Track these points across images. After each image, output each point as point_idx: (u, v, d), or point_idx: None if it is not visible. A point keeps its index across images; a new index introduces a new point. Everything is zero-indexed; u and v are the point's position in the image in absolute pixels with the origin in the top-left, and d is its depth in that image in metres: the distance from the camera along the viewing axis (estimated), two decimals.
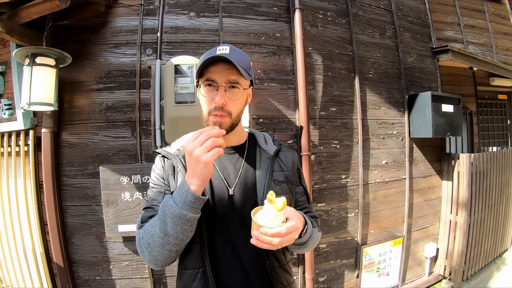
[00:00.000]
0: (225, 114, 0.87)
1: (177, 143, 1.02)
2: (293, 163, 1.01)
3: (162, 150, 0.99)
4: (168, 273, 2.11)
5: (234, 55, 0.85)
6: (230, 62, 0.83)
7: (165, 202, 0.79)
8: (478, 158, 2.84)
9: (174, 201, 0.76)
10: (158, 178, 0.96)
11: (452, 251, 2.84)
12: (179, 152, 0.96)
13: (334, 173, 2.36)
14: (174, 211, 0.75)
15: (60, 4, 1.74)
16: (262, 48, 2.24)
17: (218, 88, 0.86)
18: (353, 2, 2.57)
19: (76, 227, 2.09)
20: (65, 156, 2.09)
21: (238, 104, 0.90)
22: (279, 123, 2.23)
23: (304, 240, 0.85)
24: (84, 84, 2.10)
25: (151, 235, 0.81)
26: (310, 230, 0.88)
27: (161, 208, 0.80)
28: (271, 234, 0.71)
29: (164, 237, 0.78)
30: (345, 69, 2.47)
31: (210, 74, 0.87)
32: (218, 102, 0.85)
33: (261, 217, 0.75)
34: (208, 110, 0.88)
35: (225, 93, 0.86)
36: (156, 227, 0.80)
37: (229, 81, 0.86)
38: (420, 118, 2.63)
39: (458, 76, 3.42)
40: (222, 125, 0.88)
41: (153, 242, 0.80)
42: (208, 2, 2.20)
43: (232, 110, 0.89)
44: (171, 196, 0.79)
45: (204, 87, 0.88)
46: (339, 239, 2.39)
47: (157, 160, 1.00)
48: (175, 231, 0.77)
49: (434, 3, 3.16)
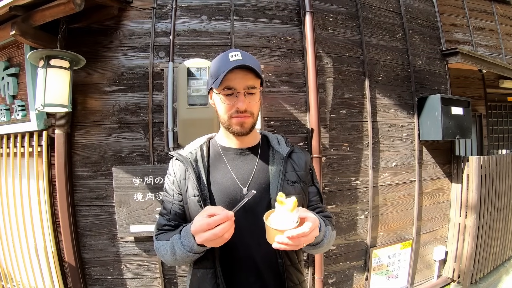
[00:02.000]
0: (248, 115, 0.91)
1: (190, 146, 1.04)
2: (305, 164, 1.03)
3: (175, 152, 1.02)
4: (179, 273, 2.13)
5: (248, 60, 0.88)
6: (247, 68, 0.87)
7: (174, 240, 0.86)
8: (487, 161, 2.83)
9: (182, 244, 0.83)
10: (169, 185, 1.00)
11: (461, 254, 2.83)
12: (191, 155, 0.98)
13: (344, 175, 2.37)
14: (182, 251, 0.84)
15: (74, 7, 1.76)
16: (273, 51, 2.26)
17: (238, 94, 0.89)
18: (362, 5, 2.57)
19: (88, 227, 2.12)
20: (78, 157, 2.12)
21: (257, 105, 0.94)
22: (290, 126, 2.25)
23: (319, 239, 0.85)
24: (97, 86, 2.13)
25: (164, 253, 0.90)
26: (324, 228, 0.88)
27: (170, 242, 0.87)
28: (296, 235, 0.71)
29: (175, 260, 0.88)
30: (355, 72, 2.47)
31: (228, 82, 0.88)
32: (241, 107, 0.88)
33: (274, 220, 0.76)
34: (229, 114, 0.91)
35: (245, 98, 0.89)
36: (167, 250, 0.88)
37: (248, 87, 0.89)
38: (429, 120, 2.62)
39: (467, 78, 3.40)
40: (246, 124, 0.92)
41: (167, 258, 0.90)
42: (219, 6, 2.23)
43: (254, 111, 0.93)
44: (179, 237, 0.85)
45: (224, 95, 0.90)
46: (349, 241, 2.39)
47: (170, 164, 1.03)
48: (183, 260, 0.88)
49: (443, 5, 3.15)
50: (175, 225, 0.95)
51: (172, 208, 0.96)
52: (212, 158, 0.99)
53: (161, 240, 0.92)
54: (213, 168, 0.97)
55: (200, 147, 1.01)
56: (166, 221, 0.96)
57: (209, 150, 1.01)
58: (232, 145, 1.00)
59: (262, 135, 1.08)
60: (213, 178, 0.95)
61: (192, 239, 0.80)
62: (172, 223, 0.96)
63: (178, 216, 0.96)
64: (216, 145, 1.03)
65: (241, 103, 0.88)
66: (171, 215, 0.96)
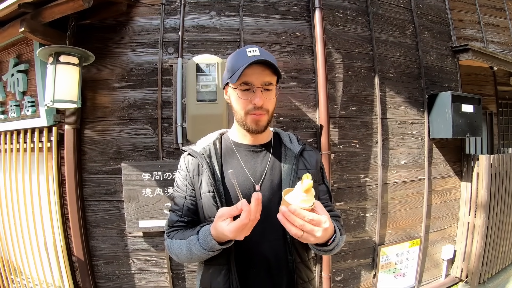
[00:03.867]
0: (263, 113, 0.91)
1: (203, 142, 1.03)
2: (316, 162, 1.03)
3: (188, 148, 1.01)
4: (187, 268, 2.14)
5: (266, 56, 0.88)
6: (265, 64, 0.87)
7: (191, 241, 0.85)
8: (497, 159, 2.79)
9: (200, 245, 0.82)
10: (181, 180, 0.99)
11: (469, 254, 2.80)
12: (204, 150, 0.98)
13: (353, 172, 2.35)
14: (200, 252, 0.83)
15: (83, 4, 1.76)
16: (282, 47, 2.24)
17: (255, 90, 0.89)
18: (372, 1, 2.54)
19: (97, 222, 2.13)
20: (87, 152, 2.13)
21: (273, 102, 0.94)
22: (299, 122, 2.23)
23: (330, 248, 0.84)
24: (106, 82, 2.14)
25: (178, 252, 0.89)
26: (338, 239, 0.86)
27: (187, 242, 0.86)
28: (293, 211, 0.70)
29: (190, 258, 0.88)
30: (365, 68, 2.45)
31: (245, 78, 0.88)
32: (258, 103, 0.88)
33: (289, 197, 0.75)
34: (246, 110, 0.91)
35: (262, 94, 0.89)
36: (182, 250, 0.88)
37: (265, 83, 0.89)
38: (439, 118, 2.59)
39: (478, 75, 3.35)
40: (261, 122, 0.91)
41: (181, 256, 0.90)
42: (228, 2, 2.21)
43: (269, 108, 0.93)
44: (197, 238, 0.84)
45: (240, 90, 0.90)
46: (357, 239, 2.38)
47: (182, 159, 1.02)
48: (200, 258, 0.88)
49: (453, 1, 3.10)
50: (188, 221, 0.95)
51: (185, 203, 0.96)
52: (225, 154, 0.99)
53: (175, 239, 0.91)
54: (226, 164, 0.97)
55: (214, 142, 1.01)
56: (179, 217, 0.96)
57: (221, 146, 1.01)
58: (245, 141, 1.00)
59: (274, 132, 1.08)
60: (227, 174, 0.94)
61: (212, 240, 0.80)
62: (185, 219, 0.95)
63: (191, 212, 0.96)
64: (228, 140, 1.02)
65: (258, 98, 0.88)
66: (183, 211, 0.96)
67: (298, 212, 0.70)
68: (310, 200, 0.73)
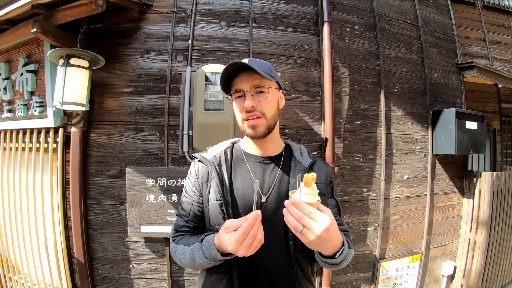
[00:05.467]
0: (259, 114, 0.91)
1: (214, 150, 1.05)
2: (326, 176, 1.03)
3: (199, 155, 1.03)
4: (187, 275, 2.13)
5: (253, 63, 0.89)
6: (250, 69, 0.88)
7: (195, 248, 0.87)
8: (500, 177, 2.79)
9: (203, 254, 0.84)
10: (189, 186, 1.01)
11: (469, 270, 2.79)
12: (215, 158, 0.99)
13: (356, 186, 2.36)
14: (203, 260, 0.85)
15: (95, 8, 1.79)
16: (290, 60, 2.26)
17: (245, 95, 0.91)
18: (380, 16, 2.57)
19: (99, 225, 2.14)
20: (93, 155, 2.14)
21: (269, 104, 0.93)
22: (304, 134, 2.24)
23: (337, 261, 0.84)
24: (115, 86, 2.16)
25: (182, 257, 0.91)
26: (346, 252, 0.85)
27: (190, 249, 0.88)
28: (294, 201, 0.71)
29: (193, 265, 0.90)
30: (371, 83, 2.47)
31: (236, 86, 0.92)
32: (247, 105, 0.89)
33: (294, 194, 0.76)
34: (242, 117, 0.93)
35: (252, 97, 0.90)
36: (186, 255, 0.89)
37: (254, 86, 0.91)
38: (443, 134, 2.60)
39: (482, 92, 3.37)
40: (258, 127, 0.92)
41: (184, 262, 0.92)
42: (239, 12, 2.24)
43: (265, 110, 0.92)
44: (200, 247, 0.86)
45: (235, 99, 0.94)
46: (358, 252, 2.38)
47: (192, 165, 1.04)
48: (202, 266, 0.89)
49: (460, 18, 3.13)
50: (194, 227, 0.97)
51: (192, 209, 0.98)
52: (235, 163, 1.00)
53: (179, 244, 0.93)
54: (235, 174, 0.98)
55: (224, 151, 1.02)
56: (185, 223, 0.98)
57: (232, 155, 1.03)
58: (255, 152, 1.01)
59: (286, 145, 1.08)
60: (235, 184, 0.96)
61: (215, 250, 0.81)
62: (190, 224, 0.97)
63: (197, 218, 0.97)
64: (239, 150, 1.04)
65: (248, 101, 0.89)
66: (190, 217, 0.97)
67: (298, 203, 0.71)
68: (313, 195, 0.73)
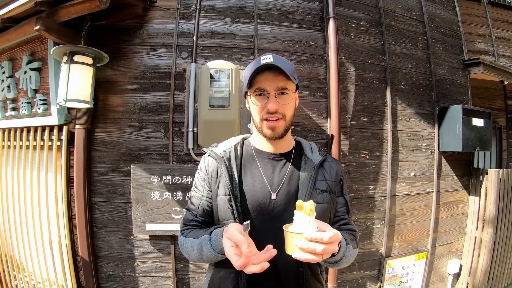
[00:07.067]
0: (280, 117, 0.91)
1: (224, 145, 1.05)
2: (336, 173, 1.02)
3: (209, 149, 1.03)
4: (192, 273, 2.13)
5: (279, 61, 0.88)
6: (277, 69, 0.87)
7: (203, 240, 0.86)
8: (506, 174, 2.77)
9: (212, 246, 0.84)
10: (199, 180, 1.01)
11: (475, 269, 2.77)
12: (224, 153, 0.99)
13: (362, 183, 2.34)
14: (211, 252, 0.85)
15: (99, 5, 1.78)
16: (296, 56, 2.25)
17: (268, 96, 0.90)
18: (386, 12, 2.54)
19: (103, 223, 2.13)
20: (97, 153, 2.13)
21: (289, 107, 0.94)
22: (310, 131, 2.23)
23: (337, 259, 0.83)
24: (119, 83, 2.15)
25: (190, 250, 0.90)
26: (344, 248, 0.85)
27: (199, 241, 0.87)
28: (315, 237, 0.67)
29: (200, 258, 0.90)
30: (377, 80, 2.44)
31: (259, 84, 0.90)
32: (271, 108, 0.89)
33: (293, 227, 0.74)
34: (261, 117, 0.92)
35: (276, 99, 0.89)
36: (194, 248, 0.89)
37: (278, 88, 0.90)
38: (450, 131, 2.58)
39: (488, 89, 3.34)
40: (277, 128, 0.92)
41: (192, 255, 0.92)
42: (243, 9, 2.22)
43: (286, 112, 0.92)
44: (209, 239, 0.85)
45: (255, 96, 0.92)
46: (363, 250, 2.36)
47: (202, 160, 1.03)
48: (210, 259, 0.89)
49: (466, 15, 3.10)
50: (202, 222, 0.97)
51: (201, 204, 0.97)
52: (245, 159, 1.00)
53: (188, 237, 0.93)
54: (245, 169, 0.98)
55: (235, 146, 1.02)
56: (194, 217, 0.97)
57: (242, 151, 1.02)
58: (266, 148, 1.00)
59: (296, 142, 1.08)
60: (245, 180, 0.95)
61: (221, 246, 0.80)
62: (199, 219, 0.97)
63: (205, 213, 0.97)
64: (250, 146, 1.03)
65: (272, 104, 0.89)
66: (198, 211, 0.97)
67: (315, 237, 0.67)
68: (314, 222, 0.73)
